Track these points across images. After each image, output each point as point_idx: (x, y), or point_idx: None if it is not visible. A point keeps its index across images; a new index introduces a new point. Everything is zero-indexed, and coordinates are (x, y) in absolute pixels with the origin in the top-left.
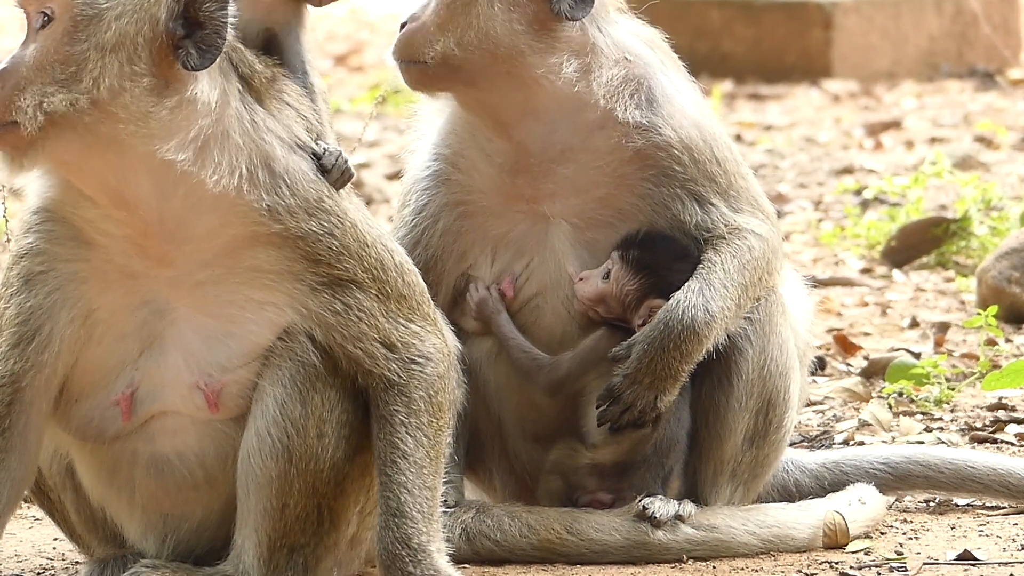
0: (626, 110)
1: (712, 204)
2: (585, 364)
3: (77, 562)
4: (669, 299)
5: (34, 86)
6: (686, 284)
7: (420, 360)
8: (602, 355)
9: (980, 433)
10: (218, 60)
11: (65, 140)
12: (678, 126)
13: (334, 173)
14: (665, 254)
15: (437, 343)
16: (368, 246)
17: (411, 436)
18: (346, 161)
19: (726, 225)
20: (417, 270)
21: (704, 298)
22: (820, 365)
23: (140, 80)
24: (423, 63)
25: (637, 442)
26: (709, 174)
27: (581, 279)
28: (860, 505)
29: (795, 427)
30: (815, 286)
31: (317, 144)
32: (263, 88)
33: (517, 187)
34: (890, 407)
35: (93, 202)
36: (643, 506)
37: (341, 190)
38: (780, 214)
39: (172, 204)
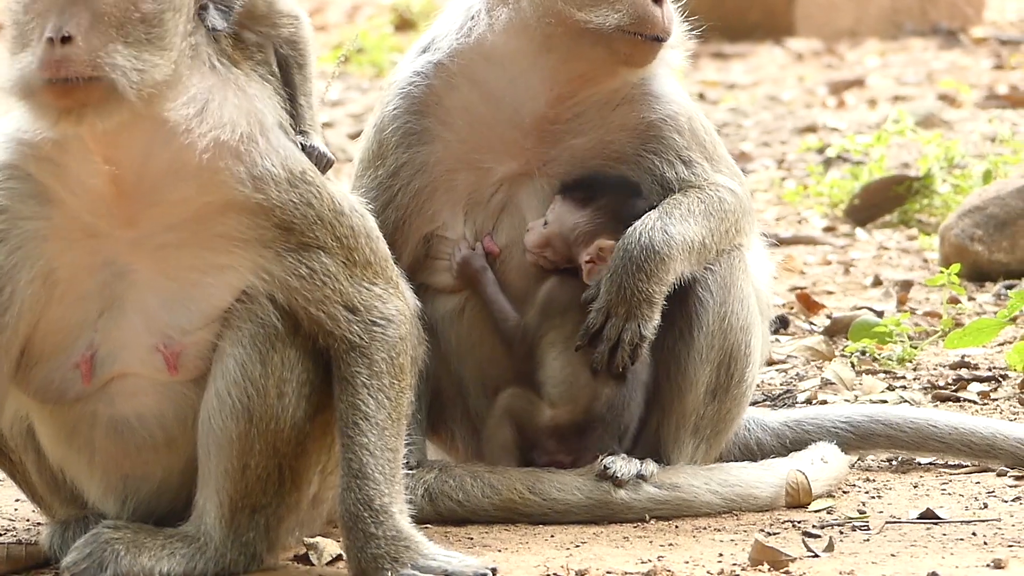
0: (650, 83)
1: (697, 163)
2: (541, 314)
3: (39, 523)
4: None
5: (117, 44)
6: (644, 215)
7: (382, 322)
8: (556, 303)
9: (943, 391)
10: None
11: (143, 100)
12: (681, 98)
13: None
14: (614, 190)
15: (399, 305)
16: (343, 215)
17: (373, 398)
18: (324, 154)
19: (705, 179)
20: (382, 235)
21: (662, 222)
22: (783, 324)
23: (189, 40)
24: None
25: (591, 400)
26: (699, 141)
27: (528, 230)
28: (823, 464)
29: (758, 386)
30: (778, 245)
31: (299, 136)
32: (233, 56)
33: (520, 146)
34: (853, 365)
35: (87, 152)
36: (604, 466)
37: None
38: (744, 172)
39: (153, 166)
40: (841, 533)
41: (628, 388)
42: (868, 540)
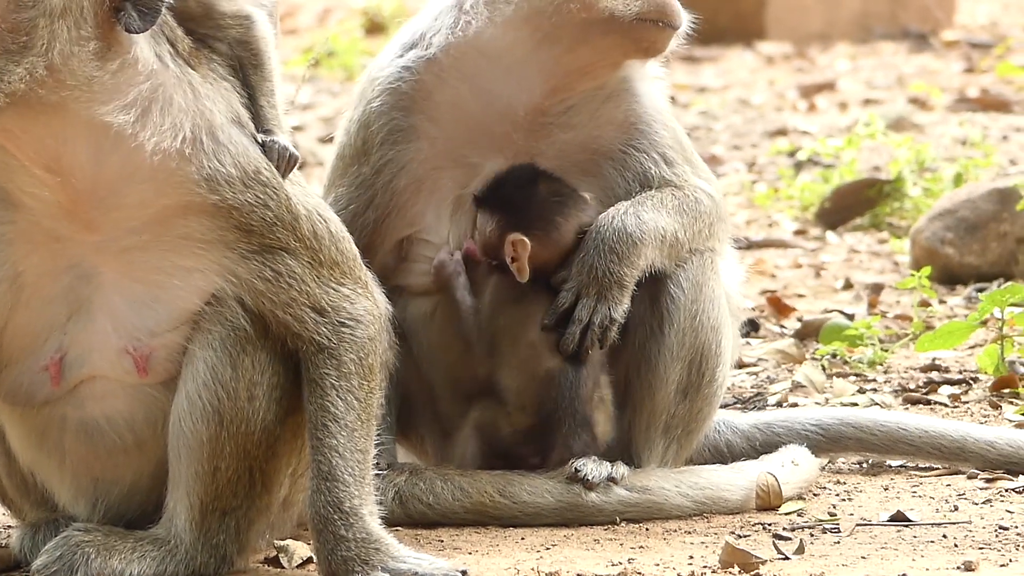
0: (634, 81)
1: (678, 164)
2: (491, 311)
3: (9, 526)
4: (531, 232)
5: None
6: (618, 203)
7: (350, 323)
8: (501, 298)
9: (913, 394)
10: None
11: (16, 111)
12: (663, 99)
13: (281, 166)
14: (510, 184)
15: (368, 305)
16: (302, 219)
17: (342, 399)
18: (286, 148)
19: (686, 181)
20: (351, 237)
21: (635, 209)
22: (754, 327)
23: (87, 44)
24: None
25: (541, 401)
26: (680, 143)
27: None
28: (793, 467)
29: (728, 389)
30: (749, 248)
31: (262, 134)
32: (191, 55)
33: (510, 139)
34: (824, 368)
35: (22, 166)
36: (575, 468)
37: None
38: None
39: (106, 171)
40: (811, 535)
41: (578, 377)
42: (839, 542)
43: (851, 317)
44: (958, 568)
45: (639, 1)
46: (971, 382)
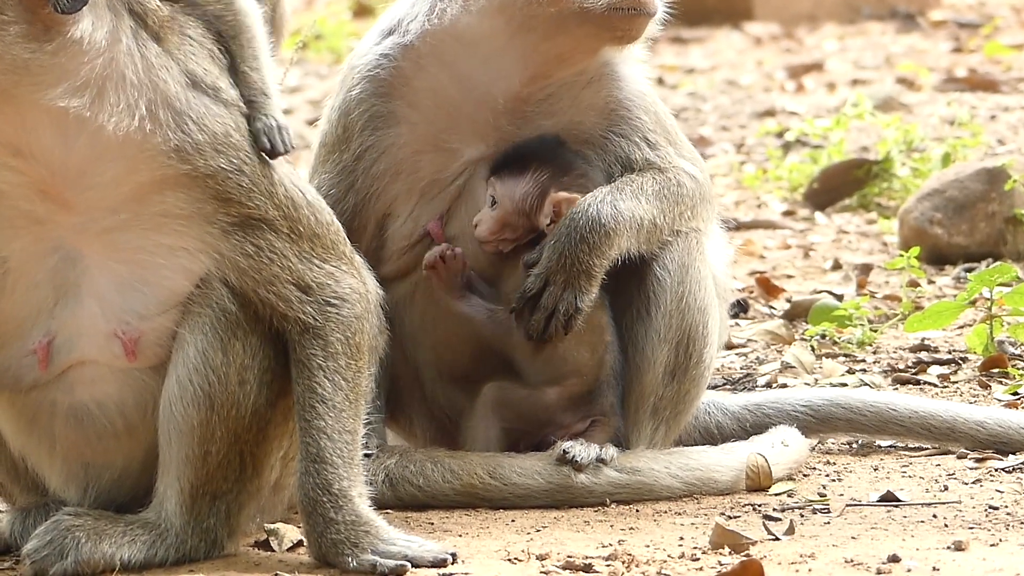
0: (615, 65)
1: (662, 146)
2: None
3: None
4: (571, 189)
5: None
6: (596, 189)
7: (336, 302)
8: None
9: (903, 374)
10: None
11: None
12: (644, 82)
13: (273, 140)
14: (540, 148)
15: (354, 283)
16: (276, 183)
17: (329, 380)
18: (272, 124)
19: (669, 163)
20: (331, 210)
21: (612, 197)
22: (743, 308)
23: (8, 28)
24: None
25: (598, 368)
26: (663, 125)
27: (476, 224)
28: (783, 447)
29: (718, 370)
30: (737, 229)
31: (256, 119)
32: (160, 25)
33: (491, 127)
34: (813, 349)
35: None
36: (564, 450)
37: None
38: (703, 157)
39: (75, 153)
40: (802, 516)
41: (615, 342)
42: (829, 523)
43: (840, 298)
44: (948, 548)
45: None
46: (960, 362)
